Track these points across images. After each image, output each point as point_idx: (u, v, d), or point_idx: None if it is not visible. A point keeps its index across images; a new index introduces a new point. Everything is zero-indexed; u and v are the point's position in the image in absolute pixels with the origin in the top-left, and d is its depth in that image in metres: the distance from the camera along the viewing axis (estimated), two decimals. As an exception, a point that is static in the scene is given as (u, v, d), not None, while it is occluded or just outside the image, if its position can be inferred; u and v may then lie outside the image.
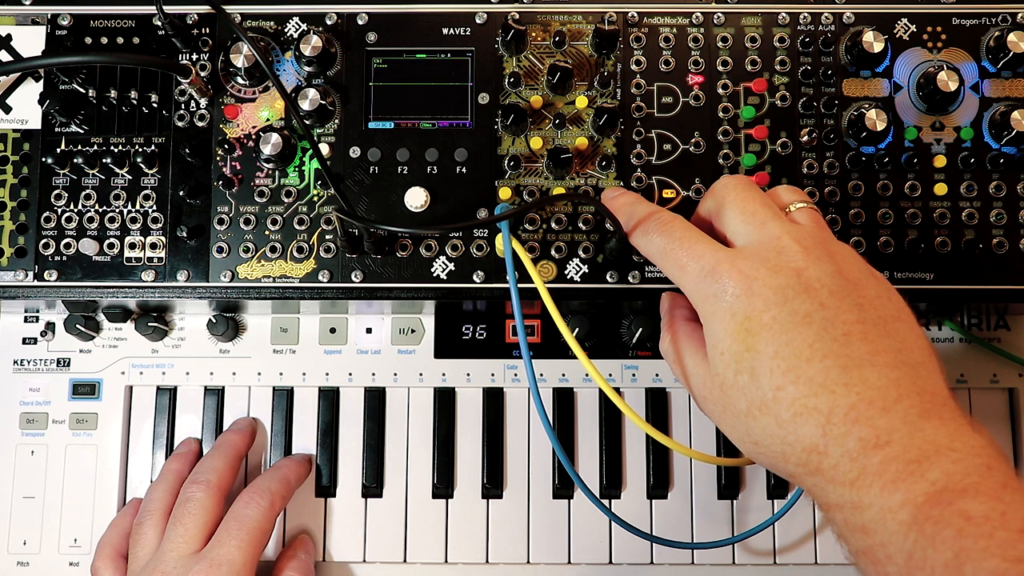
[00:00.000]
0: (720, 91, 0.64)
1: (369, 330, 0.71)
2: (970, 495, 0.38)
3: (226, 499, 0.64)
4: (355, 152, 0.64)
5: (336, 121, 0.64)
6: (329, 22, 0.64)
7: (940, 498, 0.38)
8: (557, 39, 0.64)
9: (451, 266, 0.63)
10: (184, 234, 0.62)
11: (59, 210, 0.63)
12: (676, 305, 0.56)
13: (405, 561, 0.67)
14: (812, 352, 0.44)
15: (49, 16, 0.65)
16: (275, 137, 0.62)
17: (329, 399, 0.70)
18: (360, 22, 0.65)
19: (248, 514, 0.61)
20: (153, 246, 0.63)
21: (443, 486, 0.68)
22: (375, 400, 0.69)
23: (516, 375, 0.70)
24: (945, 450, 0.40)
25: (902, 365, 0.44)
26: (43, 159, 0.63)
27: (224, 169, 0.64)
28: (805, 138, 0.63)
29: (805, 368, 0.44)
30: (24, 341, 0.70)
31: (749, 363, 0.46)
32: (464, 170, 0.63)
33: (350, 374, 0.70)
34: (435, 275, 0.63)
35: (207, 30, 0.65)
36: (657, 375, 0.70)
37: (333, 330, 0.70)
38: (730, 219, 0.51)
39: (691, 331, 0.53)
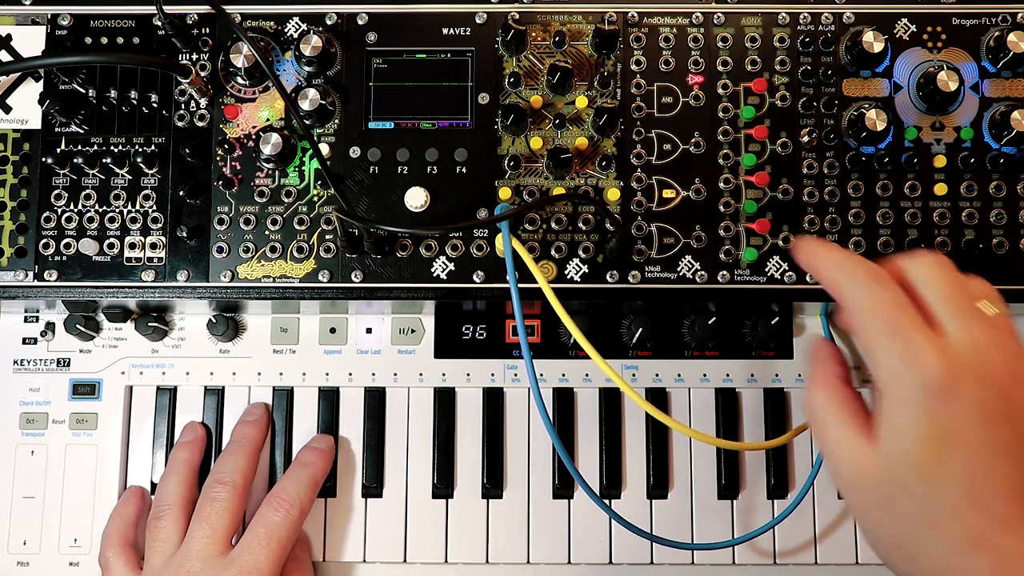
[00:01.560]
0: (720, 91, 0.64)
1: (369, 330, 0.70)
2: None
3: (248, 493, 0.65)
4: (355, 152, 0.64)
5: (336, 121, 0.64)
6: (329, 22, 0.64)
7: None
8: (557, 39, 0.64)
9: (451, 266, 0.63)
10: (184, 234, 0.62)
11: (59, 210, 0.63)
12: (833, 360, 0.51)
13: (405, 561, 0.67)
14: (1006, 486, 0.42)
15: (49, 16, 0.65)
16: (275, 137, 0.62)
17: (329, 399, 0.70)
18: (360, 22, 0.65)
19: (277, 522, 0.62)
20: (153, 246, 0.63)
21: (443, 486, 0.68)
22: (375, 400, 0.69)
23: (516, 375, 0.70)
24: None
25: None
26: (43, 159, 0.63)
27: (224, 169, 0.64)
28: (805, 138, 0.63)
29: (996, 501, 0.42)
30: (24, 341, 0.70)
31: (932, 474, 0.43)
32: (464, 170, 0.63)
33: (350, 374, 0.70)
34: (435, 275, 0.63)
35: (207, 30, 0.65)
36: (657, 375, 0.70)
37: (333, 330, 0.70)
38: (932, 300, 0.47)
39: (848, 397, 0.48)
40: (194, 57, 0.64)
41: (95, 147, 0.64)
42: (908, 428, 0.43)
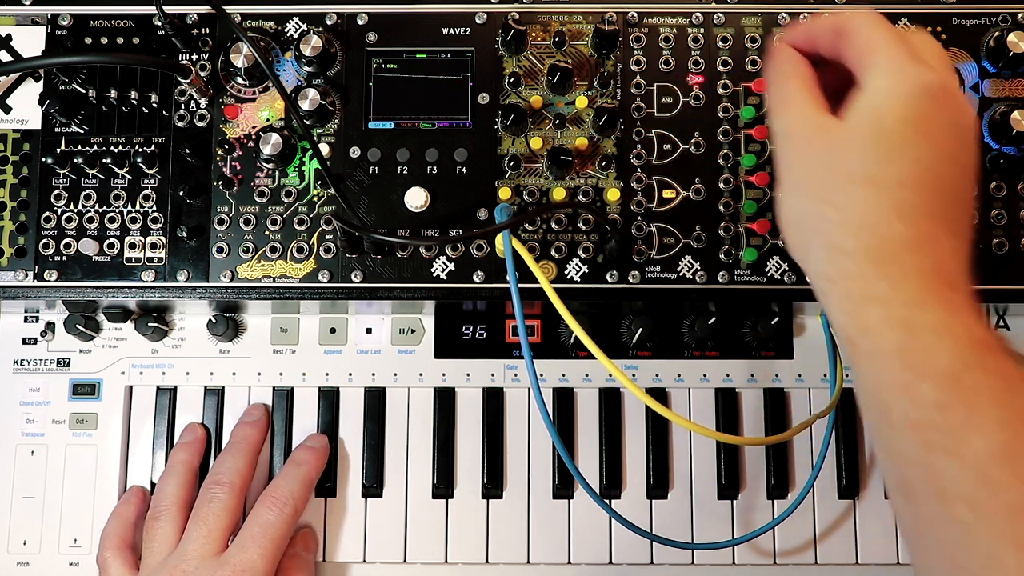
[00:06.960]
0: (720, 91, 0.64)
1: (369, 330, 0.70)
2: (1001, 357, 0.42)
3: (245, 494, 0.65)
4: (355, 152, 0.64)
5: (336, 121, 0.64)
6: (329, 22, 0.64)
7: (984, 345, 0.42)
8: (557, 39, 0.64)
9: (451, 266, 0.63)
10: (184, 234, 0.62)
11: (59, 210, 0.63)
12: (803, 60, 0.53)
13: (405, 561, 0.67)
14: (945, 187, 0.46)
15: (49, 16, 0.65)
16: (275, 137, 0.62)
17: (329, 399, 0.70)
18: (360, 22, 0.65)
19: (271, 520, 0.62)
20: (153, 246, 0.63)
21: (443, 486, 0.68)
22: (375, 400, 0.69)
23: (516, 375, 0.70)
24: (985, 324, 0.44)
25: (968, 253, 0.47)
26: (43, 159, 0.63)
27: (224, 169, 0.64)
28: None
29: (934, 194, 0.45)
30: (24, 341, 0.70)
31: (894, 147, 0.45)
32: (464, 170, 0.63)
33: (350, 374, 0.70)
34: (435, 275, 0.63)
35: (207, 30, 0.65)
36: (657, 375, 0.70)
37: (333, 330, 0.70)
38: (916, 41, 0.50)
39: (812, 71, 0.51)
40: (194, 57, 0.64)
41: (95, 147, 0.64)
42: (893, 106, 0.46)
